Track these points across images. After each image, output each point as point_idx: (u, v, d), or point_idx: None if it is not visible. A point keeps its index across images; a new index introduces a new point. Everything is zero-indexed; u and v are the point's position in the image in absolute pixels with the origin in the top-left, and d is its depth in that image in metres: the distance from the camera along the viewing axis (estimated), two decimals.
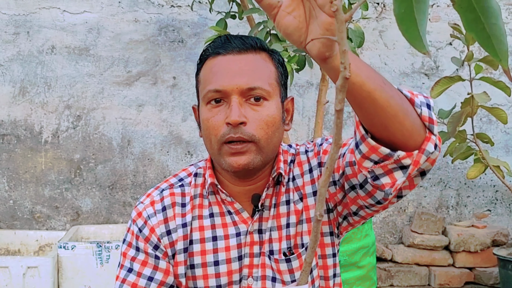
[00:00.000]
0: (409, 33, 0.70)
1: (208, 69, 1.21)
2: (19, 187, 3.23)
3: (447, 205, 3.43)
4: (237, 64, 1.18)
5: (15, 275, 2.60)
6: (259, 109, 1.17)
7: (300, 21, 0.86)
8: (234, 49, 1.19)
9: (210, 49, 1.23)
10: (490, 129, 3.39)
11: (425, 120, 1.00)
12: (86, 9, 3.23)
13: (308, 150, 1.27)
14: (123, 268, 1.25)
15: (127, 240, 1.27)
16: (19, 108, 3.21)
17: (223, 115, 1.16)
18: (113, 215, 3.28)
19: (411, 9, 0.69)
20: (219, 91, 1.16)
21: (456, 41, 3.33)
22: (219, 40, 1.23)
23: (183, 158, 3.30)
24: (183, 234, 1.24)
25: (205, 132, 1.20)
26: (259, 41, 1.23)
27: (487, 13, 0.68)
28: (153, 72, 3.27)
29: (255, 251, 1.24)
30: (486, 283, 3.22)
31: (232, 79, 1.16)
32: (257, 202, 1.23)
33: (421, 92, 1.10)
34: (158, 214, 1.26)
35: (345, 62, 0.64)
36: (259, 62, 1.20)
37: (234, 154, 1.15)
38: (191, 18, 3.28)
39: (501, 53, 0.69)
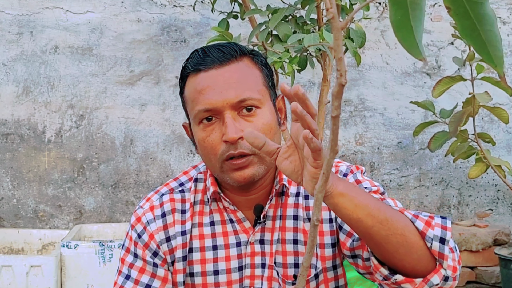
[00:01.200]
0: (406, 40, 0.71)
1: (192, 87, 1.17)
2: (23, 186, 3.25)
3: (448, 205, 3.44)
4: (222, 78, 1.14)
5: (19, 274, 2.62)
6: (253, 119, 1.14)
7: (295, 165, 0.95)
8: (215, 63, 1.15)
9: (189, 66, 1.18)
10: (491, 129, 3.39)
11: (435, 254, 1.00)
12: (89, 9, 3.24)
13: None
14: (121, 274, 1.23)
15: (126, 245, 1.25)
16: (23, 107, 3.23)
17: (219, 133, 1.13)
18: (116, 214, 3.29)
19: (407, 17, 0.70)
20: (209, 110, 1.13)
21: (457, 40, 3.34)
22: (196, 55, 1.19)
23: (185, 157, 3.31)
24: (182, 242, 1.22)
25: (203, 152, 1.17)
26: (237, 47, 1.19)
27: (483, 20, 0.69)
28: (155, 71, 3.29)
29: (256, 262, 1.22)
30: (488, 282, 3.22)
31: (220, 95, 1.13)
32: (259, 214, 1.21)
33: (441, 213, 1.12)
34: (158, 220, 1.23)
35: (341, 69, 0.65)
36: (243, 70, 1.16)
37: (237, 170, 1.13)
38: (194, 18, 3.29)
39: (496, 59, 0.70)
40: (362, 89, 3.37)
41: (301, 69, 2.47)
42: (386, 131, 3.39)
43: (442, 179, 3.42)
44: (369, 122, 3.38)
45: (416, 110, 3.35)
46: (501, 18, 3.41)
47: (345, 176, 1.22)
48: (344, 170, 1.23)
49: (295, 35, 2.15)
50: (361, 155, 3.39)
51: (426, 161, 3.41)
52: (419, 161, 3.41)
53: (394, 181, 3.41)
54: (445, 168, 3.41)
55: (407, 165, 3.41)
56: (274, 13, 2.34)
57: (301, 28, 2.44)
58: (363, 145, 3.39)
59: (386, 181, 3.40)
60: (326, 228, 1.22)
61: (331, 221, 1.21)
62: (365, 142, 3.39)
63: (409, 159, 3.41)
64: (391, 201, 1.15)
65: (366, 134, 3.39)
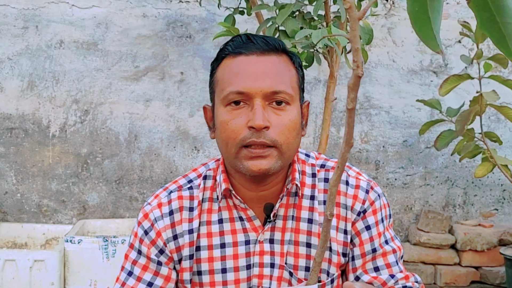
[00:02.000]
0: (423, 32, 0.70)
1: (228, 69, 1.15)
2: (27, 180, 3.25)
3: (454, 204, 3.42)
4: (261, 66, 1.13)
5: (22, 268, 2.61)
6: (281, 114, 1.13)
7: None
8: (257, 50, 1.14)
9: (230, 48, 1.17)
10: (498, 128, 3.37)
11: None
12: (94, 4, 3.23)
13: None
14: (124, 270, 1.23)
15: (130, 241, 1.24)
16: (27, 102, 3.22)
17: (245, 118, 1.12)
18: (120, 209, 3.28)
19: (425, 8, 0.68)
20: (241, 93, 1.12)
21: (465, 39, 3.32)
22: (239, 39, 1.18)
23: (189, 154, 3.30)
24: (189, 241, 1.21)
25: (222, 135, 1.15)
26: (281, 43, 1.18)
27: (503, 12, 0.67)
28: (160, 67, 3.28)
29: (265, 261, 1.21)
30: (492, 282, 3.20)
31: (255, 81, 1.12)
32: (269, 212, 1.20)
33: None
34: (165, 217, 1.22)
35: (358, 60, 0.64)
36: (282, 64, 1.16)
37: (253, 158, 1.11)
38: (199, 14, 3.28)
39: None
40: (368, 86, 3.35)
41: (308, 65, 2.46)
42: (392, 129, 3.37)
43: (448, 178, 3.40)
44: (374, 120, 3.36)
45: (422, 109, 3.34)
46: None
47: (366, 193, 1.23)
48: (365, 186, 1.23)
49: (302, 31, 2.13)
50: (366, 153, 3.37)
51: (432, 160, 3.40)
52: (424, 159, 3.40)
53: (399, 179, 3.39)
54: (451, 167, 3.40)
55: (412, 164, 3.39)
56: (282, 8, 2.32)
57: (308, 24, 2.42)
58: (369, 143, 3.37)
59: (391, 179, 3.39)
60: (340, 237, 1.22)
61: (346, 232, 1.22)
62: (371, 140, 3.37)
63: (415, 158, 3.39)
64: (398, 252, 1.25)
65: (371, 132, 3.37)
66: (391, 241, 1.25)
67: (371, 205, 1.22)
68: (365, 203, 1.21)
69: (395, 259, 1.23)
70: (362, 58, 0.64)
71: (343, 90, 3.32)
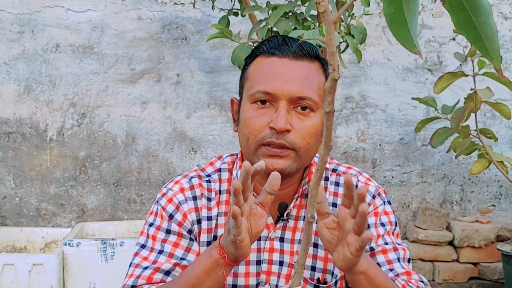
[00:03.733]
0: (400, 33, 0.71)
1: (260, 67, 1.18)
2: (25, 184, 3.26)
3: (451, 201, 3.43)
4: (291, 70, 1.15)
5: (21, 272, 2.62)
6: (304, 119, 1.15)
7: (333, 238, 1.03)
8: (291, 54, 1.16)
9: (265, 47, 1.20)
10: (493, 125, 3.38)
11: None
12: (90, 7, 3.25)
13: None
14: (153, 251, 1.21)
15: (156, 224, 1.23)
16: (24, 106, 3.24)
17: (268, 118, 1.14)
18: (118, 212, 3.30)
19: (401, 9, 0.69)
20: (268, 93, 1.14)
21: (459, 36, 3.33)
22: (275, 39, 1.20)
23: (187, 155, 3.31)
24: (207, 227, 1.23)
25: (244, 130, 1.18)
26: (316, 50, 1.20)
27: (478, 12, 0.68)
28: (157, 69, 3.29)
29: (274, 258, 1.23)
30: (491, 278, 3.21)
31: (284, 84, 1.14)
32: (283, 211, 1.22)
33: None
34: (189, 201, 1.24)
35: (334, 64, 0.65)
36: (313, 71, 1.17)
37: (271, 156, 1.14)
38: (194, 16, 3.29)
39: (492, 52, 0.69)
40: (364, 85, 3.36)
41: None
42: (388, 127, 3.38)
43: (444, 175, 3.41)
44: (370, 119, 3.38)
45: (417, 106, 3.35)
46: (502, 13, 3.40)
47: (373, 198, 1.25)
48: (373, 192, 1.26)
49: (295, 31, 2.14)
50: (363, 152, 3.38)
51: (428, 157, 3.41)
52: (421, 157, 3.41)
53: (396, 177, 3.40)
54: (447, 164, 3.41)
55: (409, 162, 3.40)
56: (274, 9, 2.33)
57: (301, 25, 2.43)
58: (365, 142, 3.38)
59: (388, 177, 3.40)
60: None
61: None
62: (367, 139, 3.38)
63: (411, 156, 3.40)
64: (402, 251, 1.23)
65: (368, 131, 3.38)
66: (391, 244, 1.24)
67: (374, 209, 1.25)
68: (369, 207, 1.22)
69: (396, 256, 1.22)
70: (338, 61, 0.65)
71: (338, 89, 3.33)
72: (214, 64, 3.30)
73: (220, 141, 3.31)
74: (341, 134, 3.37)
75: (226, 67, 3.28)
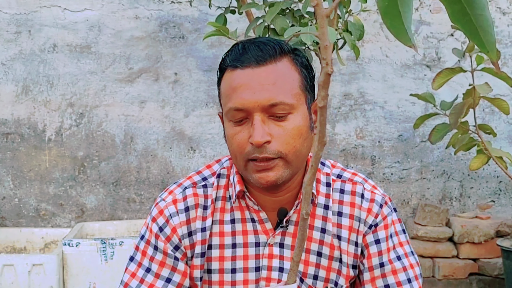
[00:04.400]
0: (394, 26, 0.70)
1: (228, 83, 1.14)
2: (24, 185, 3.26)
3: (450, 197, 3.43)
4: (256, 79, 1.11)
5: (21, 273, 2.62)
6: (283, 124, 1.11)
7: None
8: (252, 62, 1.11)
9: (228, 60, 1.16)
10: (492, 120, 3.38)
11: None
12: (86, 7, 3.24)
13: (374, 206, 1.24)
14: (141, 267, 1.21)
15: (146, 237, 1.23)
16: (22, 106, 3.23)
17: (247, 133, 1.11)
18: (118, 211, 3.29)
19: (395, 2, 0.68)
20: (240, 110, 1.11)
21: (457, 32, 3.32)
22: (236, 49, 1.16)
23: (186, 154, 3.31)
24: (201, 239, 1.20)
25: (230, 148, 1.16)
26: (278, 46, 1.14)
27: (473, 4, 0.67)
28: (154, 68, 3.28)
29: (274, 264, 1.20)
30: (490, 274, 3.21)
31: (252, 95, 1.10)
32: (283, 217, 1.20)
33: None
34: (181, 214, 1.21)
35: (327, 58, 0.64)
36: (280, 72, 1.12)
37: (260, 171, 1.11)
38: (192, 14, 3.29)
39: (488, 45, 0.68)
40: (362, 82, 3.35)
41: None
42: (387, 124, 3.38)
43: (444, 171, 3.41)
44: (369, 116, 3.37)
45: (416, 103, 3.34)
46: (501, 8, 3.39)
47: (380, 207, 1.22)
48: (379, 201, 1.23)
49: (292, 28, 2.14)
50: (362, 149, 3.38)
51: (427, 153, 3.40)
52: (420, 153, 3.40)
53: (396, 174, 3.40)
54: (447, 160, 3.40)
55: (408, 158, 3.40)
56: (271, 6, 2.33)
57: (298, 22, 2.43)
58: (364, 139, 3.38)
59: (387, 174, 3.39)
60: (351, 249, 1.22)
61: (357, 244, 1.22)
62: (366, 136, 3.38)
63: (410, 152, 3.40)
64: (412, 271, 1.21)
65: (366, 128, 3.38)
66: (404, 257, 1.22)
67: (383, 220, 1.22)
68: (377, 217, 1.21)
69: (406, 277, 1.20)
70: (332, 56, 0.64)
71: (336, 86, 3.33)
72: (212, 62, 3.29)
73: (219, 140, 3.31)
74: (340, 131, 3.36)
75: None
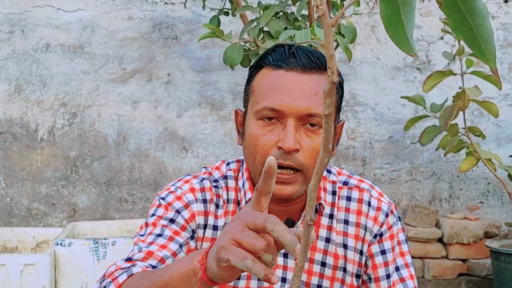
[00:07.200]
0: (397, 36, 0.72)
1: (266, 81, 1.10)
2: (16, 184, 3.25)
3: (440, 198, 3.47)
4: (300, 85, 1.08)
5: (13, 273, 2.62)
6: (313, 137, 1.08)
7: None
8: (299, 67, 1.08)
9: (271, 58, 1.12)
10: (481, 122, 3.42)
11: None
12: (80, 7, 3.24)
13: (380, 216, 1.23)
14: (152, 234, 1.12)
15: (157, 214, 1.15)
16: (15, 106, 3.23)
17: (275, 136, 1.08)
18: (110, 211, 3.30)
19: (398, 12, 0.70)
20: (275, 110, 1.07)
21: (447, 35, 3.36)
22: (281, 50, 1.12)
23: (178, 154, 3.32)
24: (211, 237, 1.17)
25: (251, 149, 1.11)
26: (324, 60, 1.11)
27: (474, 14, 0.69)
28: (147, 69, 3.29)
29: (277, 274, 1.18)
30: (479, 274, 3.26)
31: (292, 100, 1.07)
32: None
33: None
34: (199, 203, 1.17)
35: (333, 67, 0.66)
36: (323, 85, 1.09)
37: (279, 183, 1.06)
38: (185, 15, 3.30)
39: (488, 54, 0.71)
40: (353, 84, 3.39)
41: None
42: (378, 125, 3.41)
43: (433, 172, 3.45)
44: (360, 117, 3.41)
45: (407, 105, 3.38)
46: (490, 12, 3.44)
47: (386, 216, 1.21)
48: (385, 209, 1.22)
49: (286, 31, 2.16)
50: (353, 150, 3.41)
51: (417, 155, 3.44)
52: (410, 155, 3.44)
53: (386, 175, 3.43)
54: (436, 162, 3.44)
55: (398, 159, 3.44)
56: (265, 9, 2.35)
57: (292, 25, 2.45)
58: (355, 140, 3.41)
59: (378, 175, 3.43)
60: (356, 258, 1.21)
61: (362, 253, 1.21)
62: (357, 137, 3.41)
63: (401, 153, 3.44)
64: (411, 282, 1.22)
65: (357, 129, 3.41)
66: (404, 268, 1.22)
67: (389, 230, 1.21)
68: (382, 226, 1.20)
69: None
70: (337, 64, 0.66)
71: None
72: (204, 63, 3.31)
73: (212, 140, 3.33)
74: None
75: (217, 66, 3.29)
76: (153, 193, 3.28)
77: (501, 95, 3.41)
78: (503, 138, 3.45)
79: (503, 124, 3.44)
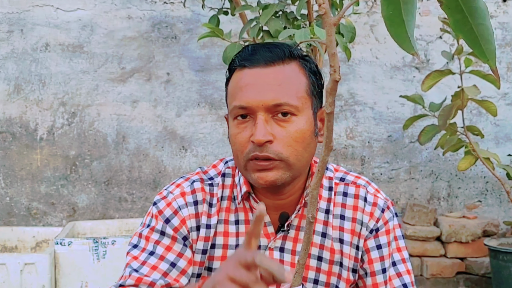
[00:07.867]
0: (398, 35, 0.73)
1: (235, 82, 1.16)
2: (15, 184, 3.25)
3: (438, 197, 3.48)
4: (263, 79, 1.12)
5: (13, 272, 2.62)
6: (286, 125, 1.11)
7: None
8: (260, 62, 1.13)
9: (237, 60, 1.17)
10: (480, 122, 3.43)
11: None
12: (79, 7, 3.25)
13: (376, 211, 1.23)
14: (145, 251, 1.18)
15: (151, 225, 1.20)
16: (14, 105, 3.23)
17: (249, 132, 1.12)
18: (109, 210, 3.30)
19: (399, 11, 0.71)
20: (244, 108, 1.12)
21: (446, 35, 3.37)
22: (246, 50, 1.18)
23: (177, 153, 3.33)
24: (205, 235, 1.20)
25: (232, 147, 1.17)
26: (288, 50, 1.15)
27: (475, 14, 0.70)
28: (147, 68, 3.30)
29: None
30: (477, 273, 3.27)
31: (257, 94, 1.11)
32: (284, 221, 1.20)
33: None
34: (190, 206, 1.20)
35: (335, 65, 0.67)
36: (287, 74, 1.13)
37: (259, 171, 1.11)
38: (184, 15, 3.31)
39: (488, 53, 0.71)
40: (352, 83, 3.40)
41: None
42: (376, 125, 3.42)
43: (432, 171, 3.46)
44: (359, 116, 3.41)
45: (405, 104, 3.39)
46: (488, 11, 3.45)
47: (382, 212, 1.22)
48: (382, 205, 1.23)
49: (286, 30, 2.16)
50: (352, 149, 3.42)
51: (416, 154, 3.45)
52: (409, 154, 3.45)
53: (385, 174, 3.44)
54: (435, 161, 3.45)
55: (397, 158, 3.45)
56: (265, 9, 2.36)
57: (291, 24, 2.46)
58: (354, 139, 3.42)
59: (377, 174, 3.44)
60: (353, 253, 1.22)
61: (358, 248, 1.22)
62: (356, 136, 3.42)
63: (399, 153, 3.45)
64: (408, 276, 1.22)
65: (356, 128, 3.42)
66: (401, 263, 1.23)
67: (385, 225, 1.22)
68: (378, 222, 1.21)
69: (401, 283, 1.21)
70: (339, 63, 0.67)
71: None
72: (204, 62, 3.32)
73: (211, 139, 3.33)
74: None
75: (216, 66, 3.30)
76: (153, 192, 3.28)
77: (500, 94, 3.42)
78: (502, 137, 3.46)
79: (502, 123, 3.45)
